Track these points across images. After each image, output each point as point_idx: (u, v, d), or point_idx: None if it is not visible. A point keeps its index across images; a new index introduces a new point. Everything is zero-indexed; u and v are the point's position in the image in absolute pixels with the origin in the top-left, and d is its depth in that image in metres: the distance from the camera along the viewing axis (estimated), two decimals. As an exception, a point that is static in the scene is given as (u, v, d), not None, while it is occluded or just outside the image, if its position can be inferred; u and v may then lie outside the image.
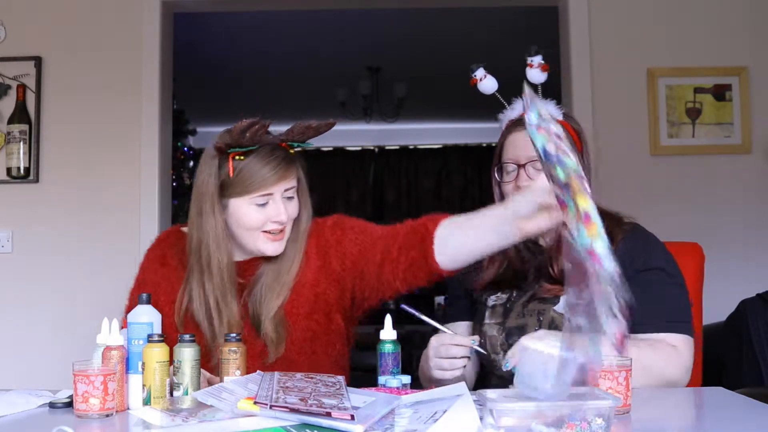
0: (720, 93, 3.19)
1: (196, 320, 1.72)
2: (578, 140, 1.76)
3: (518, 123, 1.77)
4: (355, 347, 1.91)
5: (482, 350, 1.60)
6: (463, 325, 1.86)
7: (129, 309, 1.78)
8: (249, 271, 1.76)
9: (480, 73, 1.84)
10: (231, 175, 1.67)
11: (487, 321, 1.77)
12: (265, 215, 1.69)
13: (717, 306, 2.38)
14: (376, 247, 1.73)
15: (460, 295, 1.89)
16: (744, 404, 1.43)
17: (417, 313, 1.63)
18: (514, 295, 1.76)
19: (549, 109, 1.76)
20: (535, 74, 1.80)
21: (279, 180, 1.69)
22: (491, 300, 1.79)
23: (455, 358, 1.57)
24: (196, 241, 1.72)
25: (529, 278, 1.77)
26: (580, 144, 1.76)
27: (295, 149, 1.77)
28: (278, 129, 1.81)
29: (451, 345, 1.55)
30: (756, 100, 3.18)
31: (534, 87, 1.82)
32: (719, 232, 3.09)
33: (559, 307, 1.68)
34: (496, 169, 1.81)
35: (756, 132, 3.18)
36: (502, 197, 1.79)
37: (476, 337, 1.61)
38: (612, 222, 1.74)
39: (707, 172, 3.19)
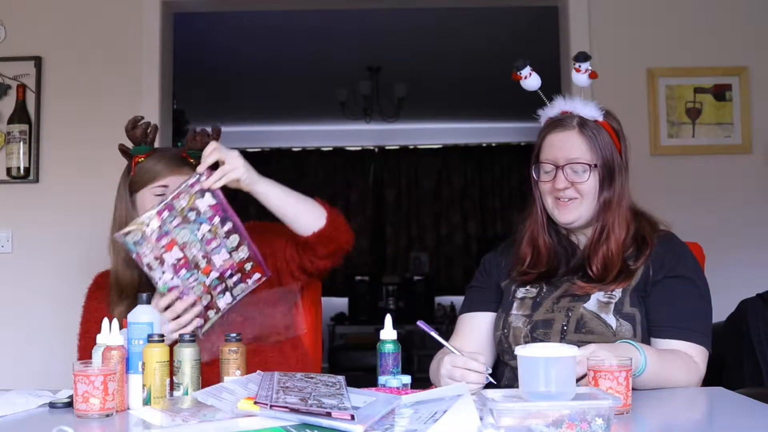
0: (720, 93, 3.18)
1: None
2: (616, 139, 1.79)
3: (557, 123, 1.78)
4: (356, 347, 1.96)
5: (492, 380, 1.55)
6: (474, 340, 1.83)
7: (84, 344, 1.91)
8: None
9: (526, 71, 1.83)
10: (133, 174, 1.92)
11: (514, 312, 1.76)
12: None
13: (717, 306, 2.37)
14: (290, 250, 1.95)
15: (487, 287, 1.88)
16: (744, 404, 1.44)
17: (432, 332, 1.61)
18: (545, 290, 1.77)
19: (589, 109, 1.76)
20: (582, 79, 1.81)
21: (172, 173, 1.90)
22: (521, 292, 1.79)
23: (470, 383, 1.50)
24: (112, 230, 1.92)
25: (559, 274, 1.77)
26: (618, 142, 1.79)
27: (194, 158, 1.93)
28: (278, 129, 1.85)
29: (467, 370, 1.51)
30: (756, 100, 3.18)
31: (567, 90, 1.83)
32: (719, 232, 3.09)
33: (590, 305, 1.69)
34: (533, 168, 1.80)
35: (756, 132, 3.17)
36: (541, 197, 1.80)
37: (488, 368, 1.54)
38: (648, 226, 1.78)
39: (707, 172, 3.19)
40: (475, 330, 1.84)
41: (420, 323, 1.63)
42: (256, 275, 1.81)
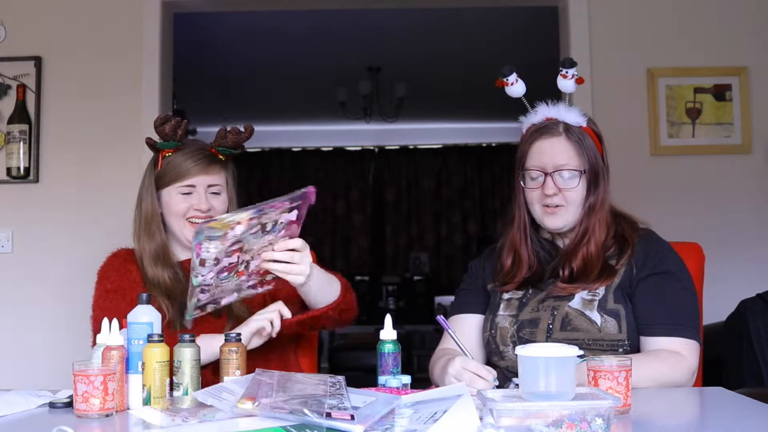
0: (720, 93, 3.18)
1: None
2: (599, 143, 1.81)
3: (543, 130, 1.79)
4: (356, 347, 1.95)
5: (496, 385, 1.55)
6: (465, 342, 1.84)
7: (97, 328, 1.77)
8: None
9: (513, 77, 1.84)
10: (159, 168, 1.89)
11: (501, 313, 1.80)
12: (188, 203, 1.87)
13: (717, 306, 2.39)
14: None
15: (475, 289, 1.92)
16: (744, 404, 1.44)
17: (450, 330, 1.62)
18: (530, 291, 1.80)
19: (573, 115, 1.77)
20: (569, 85, 1.81)
21: (201, 172, 1.87)
22: (507, 294, 1.83)
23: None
24: (137, 227, 1.92)
25: (545, 278, 1.80)
26: (600, 147, 1.81)
27: (223, 155, 1.92)
28: (278, 129, 1.84)
29: (475, 375, 1.52)
30: (756, 100, 3.18)
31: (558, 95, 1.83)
32: (719, 232, 3.09)
33: (574, 303, 1.71)
34: (519, 175, 1.81)
35: (756, 132, 3.18)
36: (526, 204, 1.82)
37: (495, 375, 1.55)
38: (628, 226, 1.80)
39: (707, 172, 3.19)
40: (465, 332, 1.85)
41: (439, 318, 1.63)
42: (268, 287, 1.75)
